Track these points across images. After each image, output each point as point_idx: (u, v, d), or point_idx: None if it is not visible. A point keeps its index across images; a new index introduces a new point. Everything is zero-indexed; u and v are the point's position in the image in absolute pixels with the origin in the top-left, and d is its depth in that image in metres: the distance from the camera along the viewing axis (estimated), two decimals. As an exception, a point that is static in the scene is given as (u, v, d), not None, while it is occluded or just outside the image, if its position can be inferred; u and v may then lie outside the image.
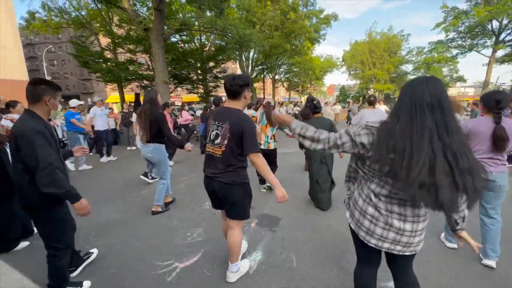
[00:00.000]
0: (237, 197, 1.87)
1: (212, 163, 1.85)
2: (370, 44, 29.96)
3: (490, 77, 21.22)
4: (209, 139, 1.87)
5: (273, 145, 3.98)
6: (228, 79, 1.82)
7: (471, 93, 38.64)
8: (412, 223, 1.17)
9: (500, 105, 1.96)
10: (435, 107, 1.01)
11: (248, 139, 1.74)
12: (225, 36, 13.06)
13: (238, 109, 1.85)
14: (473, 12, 18.92)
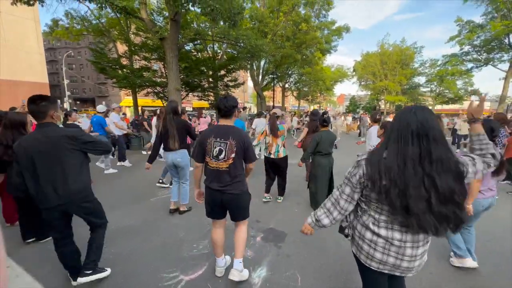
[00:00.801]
0: (245, 203, 2.22)
1: (218, 177, 2.06)
2: (382, 56, 29.77)
3: (507, 92, 20.60)
4: (212, 156, 2.04)
5: (283, 153, 3.98)
6: (221, 101, 2.08)
7: (487, 106, 37.59)
8: (411, 248, 1.18)
9: (494, 133, 2.17)
10: (422, 136, 1.06)
11: (250, 152, 2.09)
12: (237, 45, 13.34)
13: (236, 127, 2.12)
14: (489, 26, 18.57)
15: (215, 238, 2.27)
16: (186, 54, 13.74)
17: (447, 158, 1.06)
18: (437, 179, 1.04)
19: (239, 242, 2.25)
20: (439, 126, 1.09)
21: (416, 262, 1.21)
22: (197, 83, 14.62)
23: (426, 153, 1.06)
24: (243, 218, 2.25)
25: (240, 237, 2.26)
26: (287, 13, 17.53)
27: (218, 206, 2.15)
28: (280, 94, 29.71)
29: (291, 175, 5.78)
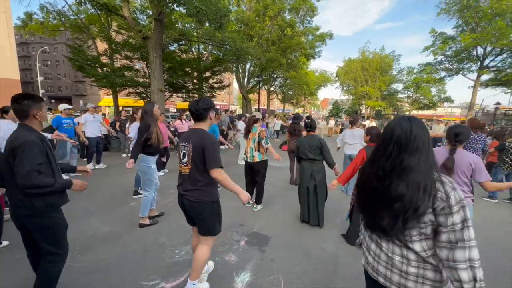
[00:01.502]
0: (204, 214, 1.97)
1: (183, 181, 1.99)
2: (363, 62, 30.97)
3: (475, 99, 22.17)
4: (180, 159, 2.02)
5: (259, 157, 3.84)
6: (192, 104, 1.98)
7: (458, 113, 40.18)
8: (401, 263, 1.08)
9: (458, 138, 2.18)
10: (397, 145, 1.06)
11: (209, 156, 1.85)
12: (223, 48, 13.30)
13: (201, 129, 1.98)
14: (459, 38, 19.96)
15: (193, 245, 2.22)
16: (170, 54, 13.50)
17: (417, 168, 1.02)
18: (393, 184, 1.04)
19: (197, 262, 1.99)
20: (425, 136, 1.06)
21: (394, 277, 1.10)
22: (181, 84, 14.40)
23: (399, 162, 1.05)
24: (205, 233, 2.01)
25: (199, 257, 1.99)
26: (272, 17, 17.76)
27: (184, 211, 2.07)
28: (266, 97, 29.94)
29: (275, 178, 5.84)
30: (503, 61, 19.98)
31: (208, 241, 2.05)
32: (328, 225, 3.50)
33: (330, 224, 3.55)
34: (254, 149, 3.87)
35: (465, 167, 2.17)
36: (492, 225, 3.81)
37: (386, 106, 32.21)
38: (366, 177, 1.18)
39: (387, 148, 1.09)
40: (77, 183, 1.83)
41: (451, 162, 2.17)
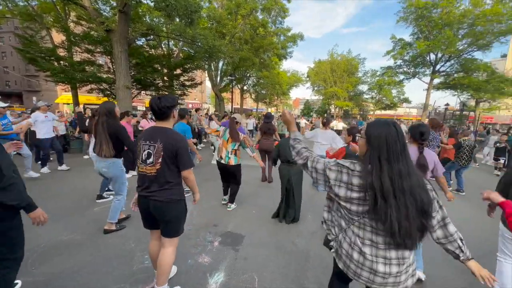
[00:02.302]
0: (173, 214, 1.92)
1: (146, 183, 1.88)
2: (331, 64, 32.42)
3: (429, 100, 24.55)
4: (141, 159, 1.88)
5: (234, 160, 3.79)
6: (154, 101, 1.86)
7: (415, 113, 44.09)
8: (398, 265, 1.18)
9: (424, 137, 2.27)
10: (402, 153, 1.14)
11: (182, 157, 1.85)
12: (194, 45, 12.94)
13: (169, 128, 1.91)
14: (415, 44, 21.89)
15: (152, 250, 2.07)
16: (138, 49, 12.78)
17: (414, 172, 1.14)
18: (416, 193, 1.10)
19: (163, 267, 1.92)
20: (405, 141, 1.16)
21: (402, 276, 1.21)
22: (150, 81, 13.70)
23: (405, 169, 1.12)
24: (170, 234, 1.95)
25: (164, 261, 1.92)
26: (245, 16, 17.75)
27: (148, 214, 1.96)
28: (239, 96, 29.86)
29: (250, 177, 5.87)
30: (451, 67, 22.40)
31: (174, 241, 1.99)
32: (300, 221, 3.62)
33: (302, 219, 3.67)
34: (230, 152, 3.79)
35: (431, 164, 2.32)
36: (455, 215, 4.26)
37: (353, 106, 34.12)
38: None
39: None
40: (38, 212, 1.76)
41: (424, 160, 2.27)
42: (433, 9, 20.25)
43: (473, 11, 18.65)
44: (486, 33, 18.61)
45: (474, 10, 18.62)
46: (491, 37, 18.91)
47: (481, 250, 3.01)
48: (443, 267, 2.73)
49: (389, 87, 28.05)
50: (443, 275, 2.61)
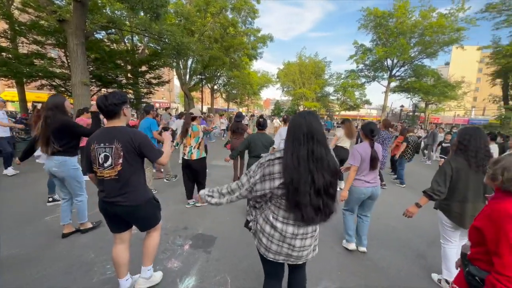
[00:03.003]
0: (145, 213, 1.91)
1: (109, 188, 1.77)
2: (300, 66, 33.50)
3: (387, 102, 26.78)
4: (98, 164, 1.75)
5: (197, 154, 3.73)
6: (100, 99, 1.75)
7: (375, 114, 47.71)
8: (301, 240, 1.36)
9: (373, 133, 2.66)
10: (309, 137, 1.27)
11: (149, 150, 1.81)
12: (161, 41, 12.36)
13: (123, 126, 1.83)
14: (375, 50, 23.69)
15: (116, 255, 1.95)
16: (97, 43, 11.79)
17: (326, 157, 1.28)
18: (315, 175, 1.24)
19: (149, 249, 2.05)
20: (322, 129, 1.32)
21: (304, 251, 1.40)
22: (112, 78, 12.74)
23: (311, 152, 1.26)
24: (151, 226, 2.03)
25: (150, 245, 2.05)
26: (214, 14, 17.48)
27: (113, 219, 1.87)
28: (209, 95, 29.30)
29: (219, 176, 5.80)
30: (405, 72, 24.71)
31: (156, 229, 2.08)
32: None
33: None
34: (194, 146, 3.74)
35: (380, 156, 2.67)
36: (401, 205, 4.65)
37: (321, 107, 35.65)
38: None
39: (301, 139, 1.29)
40: None
41: (376, 153, 2.62)
42: (389, 19, 22.13)
43: (422, 22, 20.78)
44: (433, 43, 20.92)
45: (423, 22, 20.76)
46: (437, 46, 21.31)
47: (430, 238, 3.36)
48: (385, 242, 2.99)
49: (352, 89, 29.87)
50: (384, 249, 2.86)
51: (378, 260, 2.80)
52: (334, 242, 3.12)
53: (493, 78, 20.94)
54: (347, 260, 2.75)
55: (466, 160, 2.07)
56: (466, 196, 2.07)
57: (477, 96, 43.61)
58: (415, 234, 3.50)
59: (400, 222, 3.79)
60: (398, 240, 3.32)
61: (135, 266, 2.21)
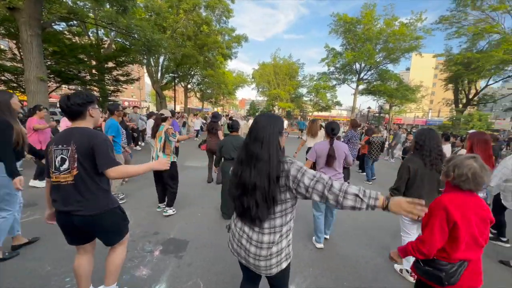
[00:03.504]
0: (109, 224, 1.72)
1: (64, 195, 1.59)
2: (275, 67, 33.97)
3: (356, 104, 28.31)
4: (54, 168, 1.59)
5: (163, 158, 3.58)
6: (62, 99, 1.61)
7: (345, 114, 50.20)
8: (255, 247, 1.27)
9: (334, 132, 2.84)
10: (256, 137, 1.24)
11: (101, 154, 1.59)
12: (129, 36, 11.70)
13: (84, 127, 1.66)
14: (344, 54, 24.91)
15: (77, 266, 1.78)
16: (56, 35, 10.81)
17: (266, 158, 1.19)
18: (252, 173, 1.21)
19: (112, 266, 1.84)
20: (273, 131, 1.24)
21: (261, 262, 1.27)
22: (73, 74, 11.77)
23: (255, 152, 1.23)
24: (116, 241, 1.82)
25: (113, 262, 1.84)
26: (187, 11, 17.02)
27: (73, 230, 1.66)
28: (183, 95, 28.47)
29: (192, 178, 5.65)
30: (371, 76, 26.33)
31: (122, 243, 1.88)
32: (246, 220, 3.66)
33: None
34: (159, 148, 3.51)
35: (341, 154, 2.82)
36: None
37: (294, 108, 36.53)
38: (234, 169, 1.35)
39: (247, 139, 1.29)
40: None
41: (333, 151, 2.78)
42: (357, 25, 23.41)
43: (386, 30, 22.31)
44: (396, 49, 22.59)
45: (387, 29, 22.29)
46: (399, 53, 23.04)
47: (393, 231, 3.61)
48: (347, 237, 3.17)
49: (324, 91, 31.06)
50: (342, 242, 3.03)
51: (347, 254, 2.94)
52: (307, 239, 3.21)
53: (446, 83, 23.29)
54: (318, 257, 2.84)
55: (422, 159, 2.25)
56: (421, 193, 2.26)
57: (433, 99, 47.98)
58: (380, 228, 3.73)
59: (367, 217, 4.02)
60: (366, 234, 3.52)
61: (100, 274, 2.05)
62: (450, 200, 1.37)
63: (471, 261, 1.38)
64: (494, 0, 16.07)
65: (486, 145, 2.59)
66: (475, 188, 1.34)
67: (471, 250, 1.37)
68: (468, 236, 1.35)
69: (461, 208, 1.34)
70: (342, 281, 2.44)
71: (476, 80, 21.63)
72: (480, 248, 1.39)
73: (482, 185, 1.35)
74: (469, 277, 1.38)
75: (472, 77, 20.15)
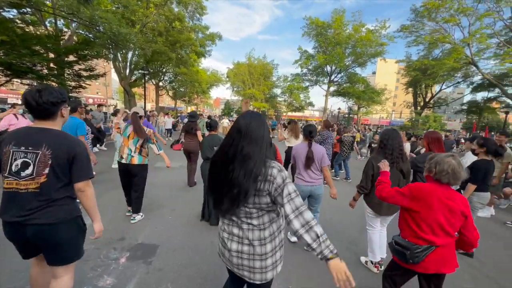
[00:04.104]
0: (65, 237, 1.49)
1: (19, 203, 1.38)
2: (249, 67, 34.10)
3: (327, 105, 29.56)
4: (9, 171, 1.38)
5: (138, 159, 3.27)
6: (31, 94, 1.39)
7: (317, 115, 52.08)
8: (231, 241, 1.27)
9: (311, 134, 2.90)
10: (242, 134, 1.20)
11: (81, 165, 1.46)
12: (93, 28, 10.89)
13: (57, 130, 1.49)
14: (316, 57, 25.84)
15: (33, 279, 1.61)
16: (4, 23, 9.64)
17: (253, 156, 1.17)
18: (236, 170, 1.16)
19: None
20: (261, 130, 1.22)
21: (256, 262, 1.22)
22: (26, 67, 10.60)
23: (240, 148, 1.18)
24: (65, 261, 1.54)
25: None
26: (158, 6, 16.32)
27: (26, 243, 1.46)
28: (154, 92, 27.25)
29: (166, 180, 5.43)
30: (341, 78, 27.67)
31: (70, 268, 1.57)
32: (220, 220, 3.61)
33: (222, 219, 3.67)
34: (133, 150, 3.27)
35: (319, 156, 2.86)
36: (341, 196, 5.16)
37: (269, 108, 37.02)
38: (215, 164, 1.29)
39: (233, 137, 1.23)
40: None
41: (311, 153, 2.83)
42: (328, 29, 24.43)
43: (354, 35, 23.60)
44: (363, 54, 24.00)
45: (355, 35, 23.59)
46: (366, 57, 24.52)
47: (361, 226, 3.82)
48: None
49: (297, 91, 31.95)
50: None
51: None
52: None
53: (406, 87, 25.41)
54: (292, 253, 2.89)
55: (385, 157, 2.42)
56: (384, 189, 2.43)
57: (396, 102, 51.87)
58: (349, 223, 3.93)
59: (338, 213, 4.21)
60: (336, 230, 3.68)
61: None
62: (421, 185, 1.64)
63: (439, 246, 1.54)
64: (446, 13, 17.83)
65: (439, 143, 2.84)
66: (453, 182, 1.53)
67: (436, 235, 1.54)
68: (431, 220, 1.54)
69: (427, 194, 1.56)
70: (313, 275, 2.52)
71: (432, 85, 23.90)
72: (448, 236, 1.55)
73: (460, 180, 1.53)
74: (437, 261, 1.55)
75: (428, 82, 22.24)
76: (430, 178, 1.65)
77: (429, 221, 1.55)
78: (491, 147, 3.08)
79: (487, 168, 3.06)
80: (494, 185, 4.74)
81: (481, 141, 3.15)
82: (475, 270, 2.88)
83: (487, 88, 20.96)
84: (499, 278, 2.77)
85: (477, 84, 21.49)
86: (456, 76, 22.07)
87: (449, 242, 1.57)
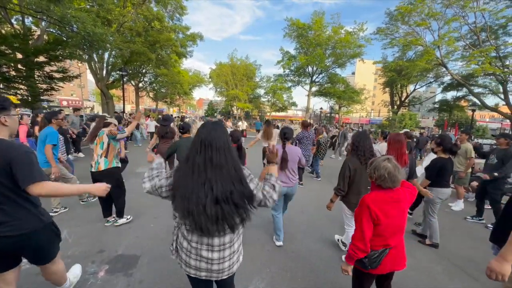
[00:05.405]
0: (39, 242, 1.60)
1: None
2: (232, 67, 33.93)
3: (310, 104, 30.11)
4: None
5: (104, 164, 3.19)
6: None
7: (300, 114, 53.01)
8: (218, 251, 1.29)
9: (285, 136, 3.00)
10: (207, 146, 1.22)
11: (21, 169, 1.40)
12: (65, 28, 10.32)
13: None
14: (298, 58, 26.26)
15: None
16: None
17: (226, 164, 1.21)
18: (214, 183, 1.17)
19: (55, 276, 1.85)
20: (224, 138, 1.26)
21: (225, 263, 1.32)
22: (-9, 69, 9.88)
23: (209, 160, 1.20)
24: (46, 260, 1.74)
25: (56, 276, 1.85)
26: (136, 5, 15.80)
27: None
28: (134, 94, 26.34)
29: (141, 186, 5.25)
30: (322, 79, 28.32)
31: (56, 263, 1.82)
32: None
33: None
34: (100, 155, 3.19)
35: (295, 157, 2.97)
36: (321, 196, 5.30)
37: (253, 108, 37.10)
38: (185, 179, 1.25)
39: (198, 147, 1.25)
40: None
41: (286, 154, 2.92)
42: (309, 30, 24.90)
43: (334, 37, 24.23)
44: (342, 55, 24.73)
45: (334, 36, 24.23)
46: (345, 58, 25.28)
47: (342, 224, 3.94)
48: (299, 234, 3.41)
49: (281, 92, 32.29)
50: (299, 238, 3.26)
51: (301, 250, 3.11)
52: (265, 240, 3.29)
53: (383, 87, 26.52)
54: (276, 256, 2.95)
55: (358, 158, 2.53)
56: (360, 189, 2.55)
57: (374, 101, 53.99)
58: (330, 222, 4.04)
59: (319, 212, 4.32)
60: (317, 229, 3.77)
61: None
62: (371, 199, 1.56)
63: (393, 247, 1.61)
64: (418, 17, 18.83)
65: (399, 144, 2.95)
66: (392, 185, 1.55)
67: (393, 237, 1.60)
68: (391, 226, 1.56)
69: (380, 204, 1.54)
70: (296, 277, 2.57)
71: (407, 85, 25.14)
72: (401, 232, 1.62)
73: (398, 182, 1.57)
74: (391, 261, 1.61)
75: (403, 82, 23.36)
76: (373, 184, 1.64)
77: (389, 229, 1.55)
78: (446, 146, 3.27)
79: (443, 165, 3.23)
80: (460, 178, 5.13)
81: (438, 140, 3.36)
82: (446, 261, 3.08)
83: (456, 88, 22.36)
84: (466, 267, 2.99)
85: (447, 84, 22.88)
86: (428, 77, 23.38)
87: (401, 240, 1.64)
